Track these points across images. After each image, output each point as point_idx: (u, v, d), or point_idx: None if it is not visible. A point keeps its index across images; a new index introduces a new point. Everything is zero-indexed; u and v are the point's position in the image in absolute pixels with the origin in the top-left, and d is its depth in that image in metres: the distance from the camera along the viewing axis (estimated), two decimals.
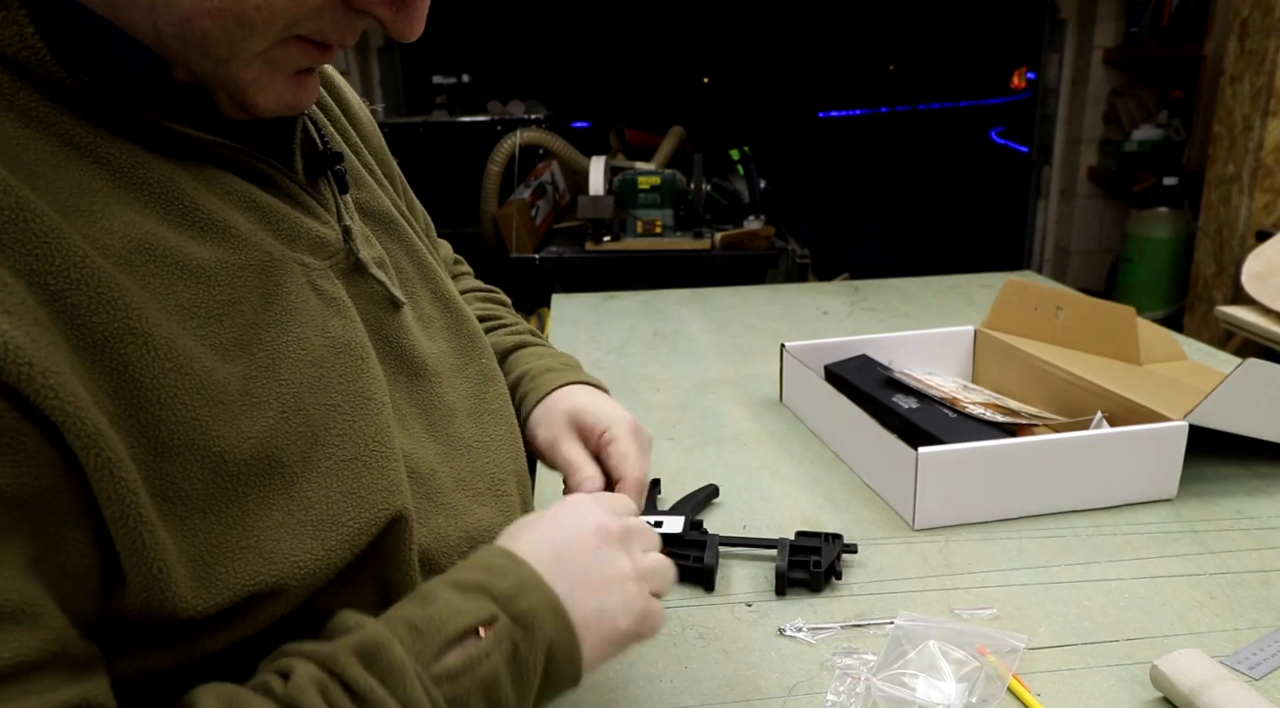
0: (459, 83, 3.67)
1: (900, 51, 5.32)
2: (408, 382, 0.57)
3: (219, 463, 0.44)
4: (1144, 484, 0.99)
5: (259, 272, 0.48)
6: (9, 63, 0.41)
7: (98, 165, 0.43)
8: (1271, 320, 2.19)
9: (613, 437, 0.71)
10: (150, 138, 0.45)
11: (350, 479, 0.50)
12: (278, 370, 0.47)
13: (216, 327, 0.45)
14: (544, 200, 3.00)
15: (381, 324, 0.56)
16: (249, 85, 0.46)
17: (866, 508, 1.01)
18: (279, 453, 0.46)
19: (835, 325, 1.70)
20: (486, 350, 0.67)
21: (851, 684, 0.70)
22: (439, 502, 0.56)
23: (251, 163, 0.50)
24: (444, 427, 0.59)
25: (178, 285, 0.44)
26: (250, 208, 0.49)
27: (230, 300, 0.46)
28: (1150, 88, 3.73)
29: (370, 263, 0.56)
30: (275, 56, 0.45)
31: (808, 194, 5.07)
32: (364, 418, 0.51)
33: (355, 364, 0.51)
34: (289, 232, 0.51)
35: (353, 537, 0.49)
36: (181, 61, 0.44)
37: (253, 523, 0.45)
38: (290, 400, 0.47)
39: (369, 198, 0.62)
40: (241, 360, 0.46)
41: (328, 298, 0.52)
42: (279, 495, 0.46)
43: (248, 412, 0.45)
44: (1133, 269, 3.43)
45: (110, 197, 0.43)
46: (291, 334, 0.48)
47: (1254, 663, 0.73)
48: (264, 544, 0.45)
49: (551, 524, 0.53)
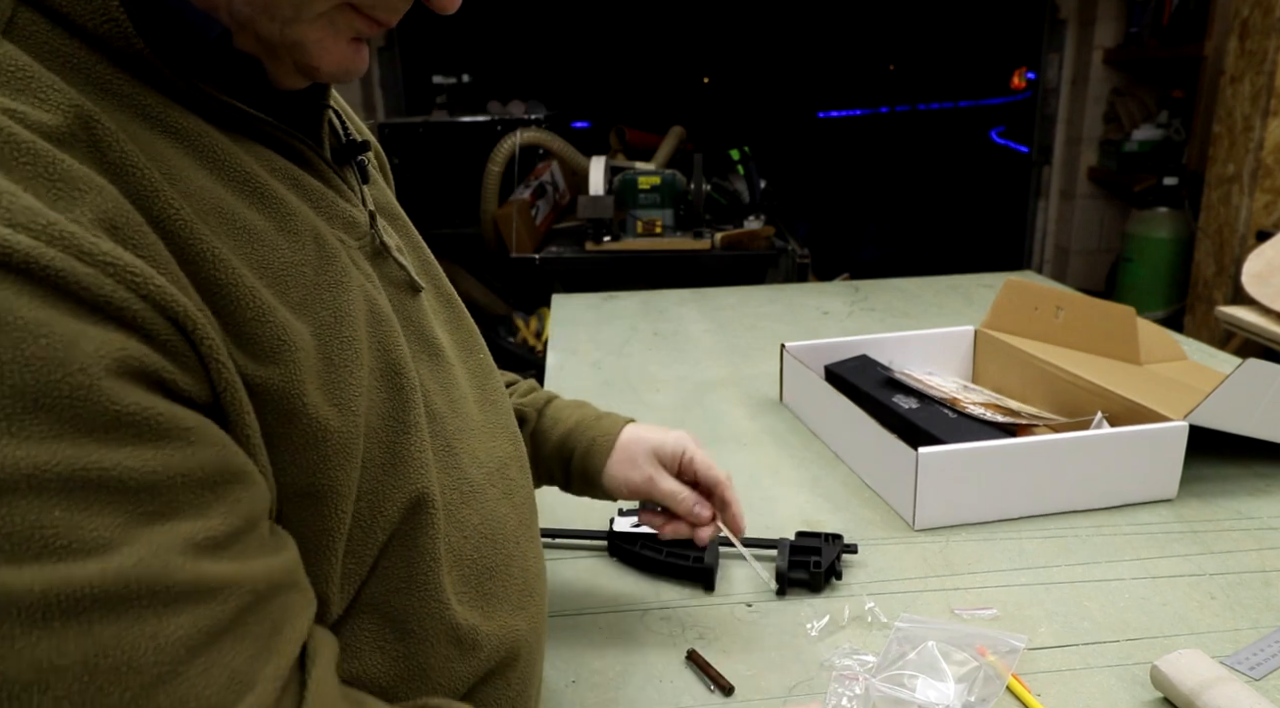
0: (459, 83, 3.67)
1: (900, 51, 5.32)
2: (430, 360, 0.59)
3: (297, 416, 0.45)
4: (1144, 484, 0.99)
5: (313, 238, 0.50)
6: (87, 36, 0.42)
7: (169, 135, 0.44)
8: (1271, 320, 2.19)
9: (691, 455, 0.79)
10: (210, 111, 0.47)
11: (386, 455, 0.51)
12: (341, 328, 0.49)
13: (285, 286, 0.47)
14: (544, 200, 3.00)
15: (405, 306, 0.58)
16: (314, 46, 0.47)
17: (866, 508, 1.00)
18: (342, 421, 0.48)
19: (835, 325, 1.70)
20: (483, 347, 0.69)
21: (851, 685, 0.70)
22: (456, 477, 0.58)
23: (292, 143, 0.51)
24: (462, 406, 0.61)
25: (248, 246, 0.46)
26: (294, 184, 0.51)
27: (294, 263, 0.48)
28: (1150, 88, 3.73)
29: (393, 247, 0.58)
30: (336, 20, 0.47)
31: (808, 194, 5.06)
32: (398, 399, 0.53)
33: (392, 335, 0.53)
34: (327, 210, 0.52)
35: (388, 507, 0.51)
36: (250, 27, 0.45)
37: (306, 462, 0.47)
38: (352, 357, 0.49)
39: (379, 194, 0.64)
40: (309, 319, 0.48)
41: (364, 272, 0.54)
42: (340, 458, 0.48)
43: (323, 370, 0.47)
44: (1133, 269, 3.43)
45: (184, 164, 0.44)
46: (347, 297, 0.50)
47: (1254, 663, 0.73)
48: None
49: None
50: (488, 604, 0.57)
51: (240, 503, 0.41)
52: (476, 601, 0.57)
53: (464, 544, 0.57)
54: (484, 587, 0.57)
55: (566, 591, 0.88)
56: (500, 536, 0.60)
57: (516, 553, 0.61)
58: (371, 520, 0.50)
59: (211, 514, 0.39)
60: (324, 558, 0.48)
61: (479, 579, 0.57)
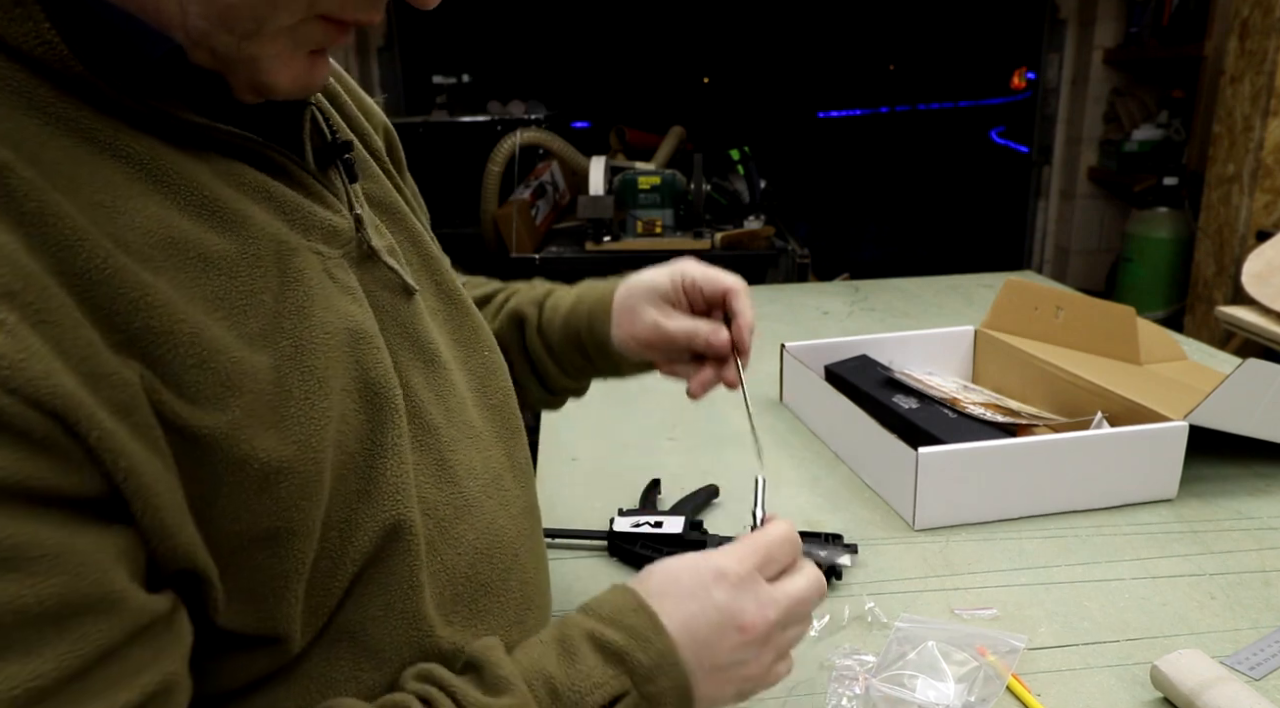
0: (459, 83, 3.67)
1: (900, 51, 5.32)
2: (424, 367, 0.57)
3: (245, 461, 0.43)
4: (1144, 484, 0.99)
5: (275, 261, 0.47)
6: (25, 59, 0.41)
7: (118, 159, 0.42)
8: (1271, 320, 2.19)
9: (692, 276, 0.70)
10: (166, 129, 0.45)
11: (361, 482, 0.49)
12: (302, 358, 0.47)
13: (241, 317, 0.45)
14: (544, 200, 3.00)
15: (397, 311, 0.56)
16: (270, 62, 0.45)
17: (866, 508, 1.00)
18: (300, 459, 0.46)
19: (835, 325, 1.69)
20: (489, 343, 0.66)
21: (851, 685, 0.70)
22: (449, 493, 0.56)
23: (264, 152, 0.49)
24: (459, 414, 0.59)
25: (201, 278, 0.43)
26: (265, 198, 0.49)
27: (252, 291, 0.45)
28: (1150, 88, 3.72)
29: (383, 251, 0.56)
30: (298, 33, 0.45)
31: (808, 194, 5.06)
32: (377, 421, 0.51)
33: (372, 353, 0.51)
34: (303, 221, 0.50)
35: (359, 538, 0.49)
36: (205, 42, 0.43)
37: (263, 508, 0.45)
38: (315, 387, 0.47)
39: (376, 188, 0.62)
40: (269, 350, 0.45)
41: (343, 286, 0.52)
42: (298, 497, 0.46)
43: (280, 407, 0.45)
44: (1133, 269, 3.43)
45: (132, 190, 0.42)
46: (314, 320, 0.48)
47: (1254, 663, 0.73)
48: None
49: (702, 605, 0.53)
50: (481, 622, 0.56)
51: (89, 637, 0.37)
52: (469, 620, 0.55)
53: (458, 562, 0.55)
54: (478, 604, 0.56)
55: (566, 591, 0.88)
56: (497, 550, 0.58)
57: (515, 566, 0.59)
58: (341, 551, 0.48)
59: (42, 655, 0.35)
60: (281, 600, 0.46)
61: (473, 597, 0.56)
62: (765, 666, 0.54)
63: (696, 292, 0.71)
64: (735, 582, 0.53)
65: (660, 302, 0.71)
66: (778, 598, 0.54)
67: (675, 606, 0.52)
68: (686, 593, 0.53)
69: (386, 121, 0.70)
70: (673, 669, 0.50)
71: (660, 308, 0.71)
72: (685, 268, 0.71)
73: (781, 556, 0.56)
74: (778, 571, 0.56)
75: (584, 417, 1.28)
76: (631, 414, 1.29)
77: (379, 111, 0.70)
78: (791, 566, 0.57)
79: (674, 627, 0.51)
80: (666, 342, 0.71)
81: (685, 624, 0.52)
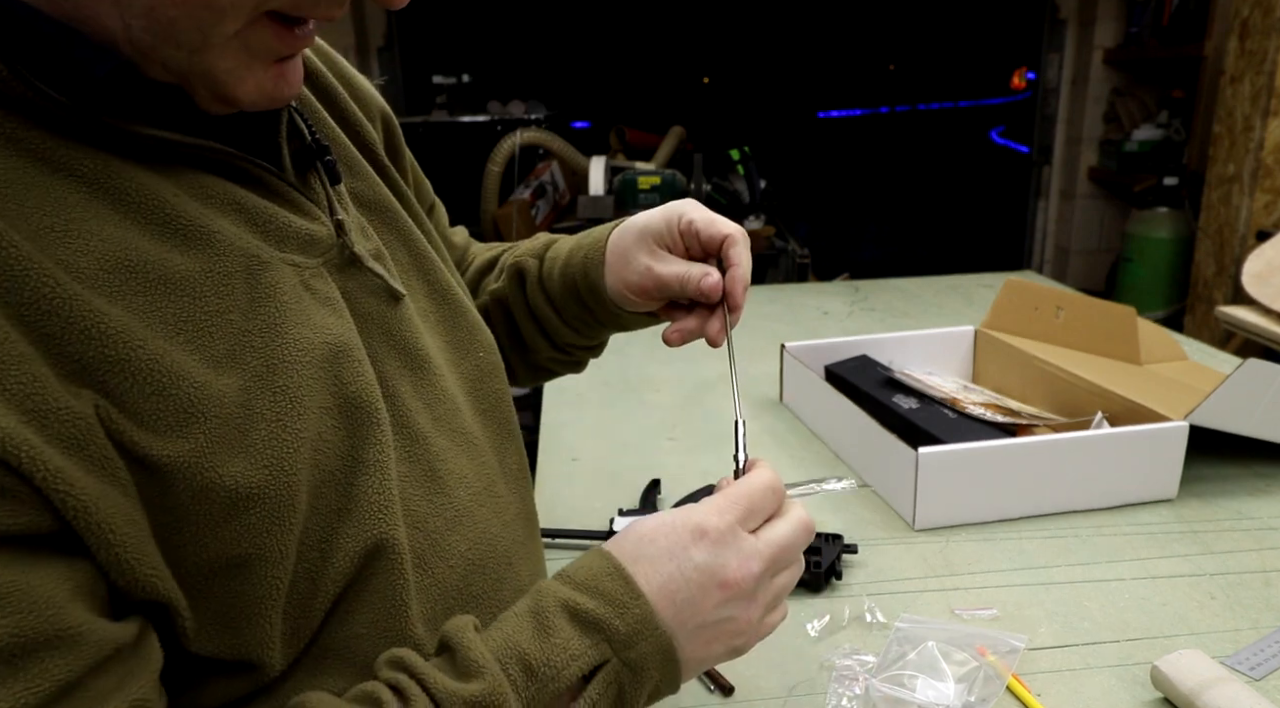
0: (459, 83, 3.66)
1: (900, 51, 5.32)
2: (412, 375, 0.55)
3: (211, 489, 0.42)
4: (1144, 484, 0.99)
5: (245, 277, 0.46)
6: None
7: (70, 179, 0.41)
8: (1271, 320, 2.19)
9: (689, 218, 0.66)
10: (123, 145, 0.43)
11: (341, 500, 0.48)
12: (273, 377, 0.45)
13: (207, 339, 0.43)
14: (544, 200, 3.00)
15: (383, 317, 0.55)
16: (226, 76, 0.43)
17: (866, 508, 1.00)
18: (271, 484, 0.45)
19: (835, 325, 1.70)
20: (485, 344, 0.64)
21: (851, 685, 0.70)
22: (440, 504, 0.55)
23: (234, 162, 0.47)
24: (450, 421, 0.57)
25: (162, 301, 0.42)
26: (234, 210, 0.47)
27: (218, 310, 0.44)
28: (1150, 88, 3.72)
29: (366, 256, 0.54)
30: (250, 41, 0.43)
31: (808, 194, 5.06)
32: (358, 436, 0.50)
33: (351, 367, 0.50)
34: (277, 232, 0.49)
35: (340, 558, 0.48)
36: (155, 57, 0.42)
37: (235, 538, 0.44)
38: (287, 407, 0.45)
39: (364, 187, 0.60)
40: (237, 370, 0.44)
41: (322, 298, 0.50)
42: (269, 523, 0.45)
43: (248, 430, 0.44)
44: (1133, 269, 3.43)
45: (86, 211, 0.41)
46: (286, 336, 0.47)
47: (1254, 663, 0.73)
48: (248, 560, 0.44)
49: (680, 565, 0.50)
50: None
51: (48, 673, 0.36)
52: None
53: (449, 575, 0.54)
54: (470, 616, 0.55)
55: None
56: (490, 559, 0.57)
57: (509, 575, 0.59)
58: (321, 572, 0.47)
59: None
60: (255, 626, 0.45)
61: (464, 610, 0.55)
62: (755, 619, 0.52)
63: (694, 236, 0.66)
64: (716, 538, 0.51)
65: (653, 244, 0.67)
66: (760, 549, 0.52)
67: (652, 567, 0.50)
68: (664, 553, 0.51)
69: (384, 106, 0.68)
70: (653, 634, 0.49)
71: (653, 251, 0.67)
72: (684, 209, 0.67)
73: (765, 505, 0.53)
74: (761, 520, 0.54)
75: (584, 417, 1.28)
76: (631, 414, 1.29)
77: (376, 97, 0.67)
78: (776, 513, 0.54)
79: (651, 590, 0.49)
80: (659, 287, 0.67)
81: (663, 587, 0.50)
